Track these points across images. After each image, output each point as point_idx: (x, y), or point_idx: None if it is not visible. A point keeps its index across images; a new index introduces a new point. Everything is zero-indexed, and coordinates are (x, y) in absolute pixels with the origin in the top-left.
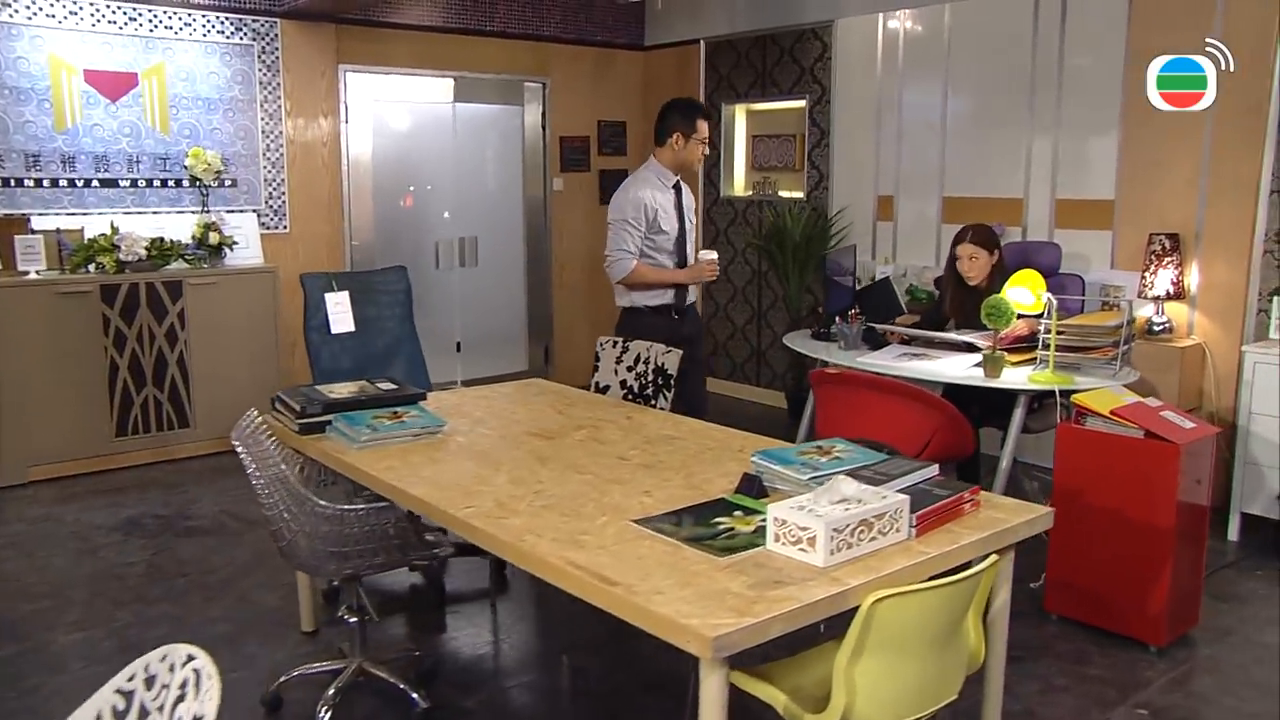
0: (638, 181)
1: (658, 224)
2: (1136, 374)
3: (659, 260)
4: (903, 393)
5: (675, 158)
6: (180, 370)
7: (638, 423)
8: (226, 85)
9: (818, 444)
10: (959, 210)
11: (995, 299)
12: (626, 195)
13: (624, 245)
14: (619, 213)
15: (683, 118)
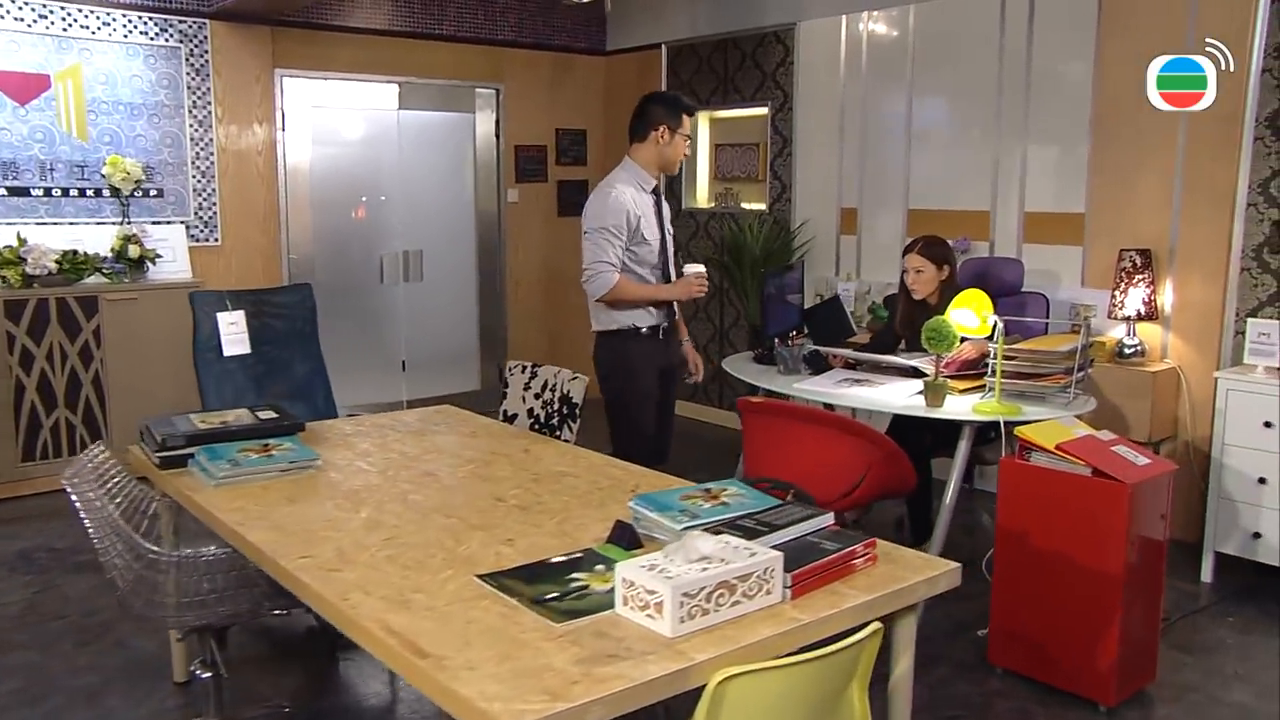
0: (618, 184)
1: (640, 233)
2: (1093, 403)
3: (642, 274)
4: (833, 424)
5: (659, 155)
6: (96, 391)
7: (534, 456)
8: (151, 89)
9: (706, 487)
10: (924, 224)
11: (936, 321)
12: (606, 201)
13: (605, 257)
14: (598, 220)
15: (668, 110)
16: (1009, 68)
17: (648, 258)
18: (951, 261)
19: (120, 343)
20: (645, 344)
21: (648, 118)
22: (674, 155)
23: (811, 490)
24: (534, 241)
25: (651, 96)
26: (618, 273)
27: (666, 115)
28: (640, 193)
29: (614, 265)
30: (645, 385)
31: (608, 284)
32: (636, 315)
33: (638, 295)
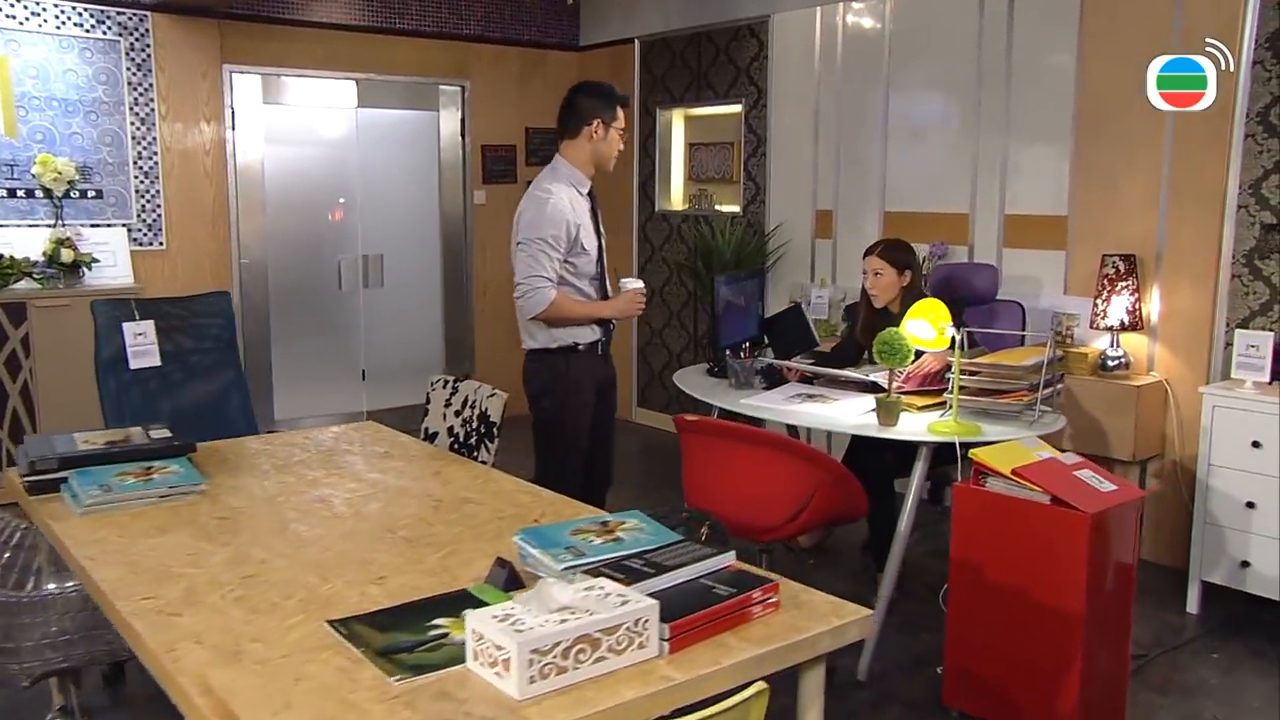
0: (554, 188)
1: (579, 242)
2: (1062, 421)
3: (580, 287)
4: (775, 446)
5: (593, 152)
6: (24, 402)
7: (444, 479)
8: (88, 85)
9: (604, 519)
10: (901, 227)
11: (888, 333)
12: (543, 208)
13: (540, 271)
14: (534, 229)
15: (601, 102)
16: (988, 62)
17: (586, 268)
18: (914, 266)
19: (51, 352)
20: (585, 359)
21: (579, 112)
22: (609, 152)
23: (754, 515)
24: (502, 245)
25: (580, 88)
26: (554, 288)
27: (600, 108)
28: (576, 196)
29: (550, 280)
30: (584, 403)
31: (544, 301)
32: (577, 332)
33: (577, 313)
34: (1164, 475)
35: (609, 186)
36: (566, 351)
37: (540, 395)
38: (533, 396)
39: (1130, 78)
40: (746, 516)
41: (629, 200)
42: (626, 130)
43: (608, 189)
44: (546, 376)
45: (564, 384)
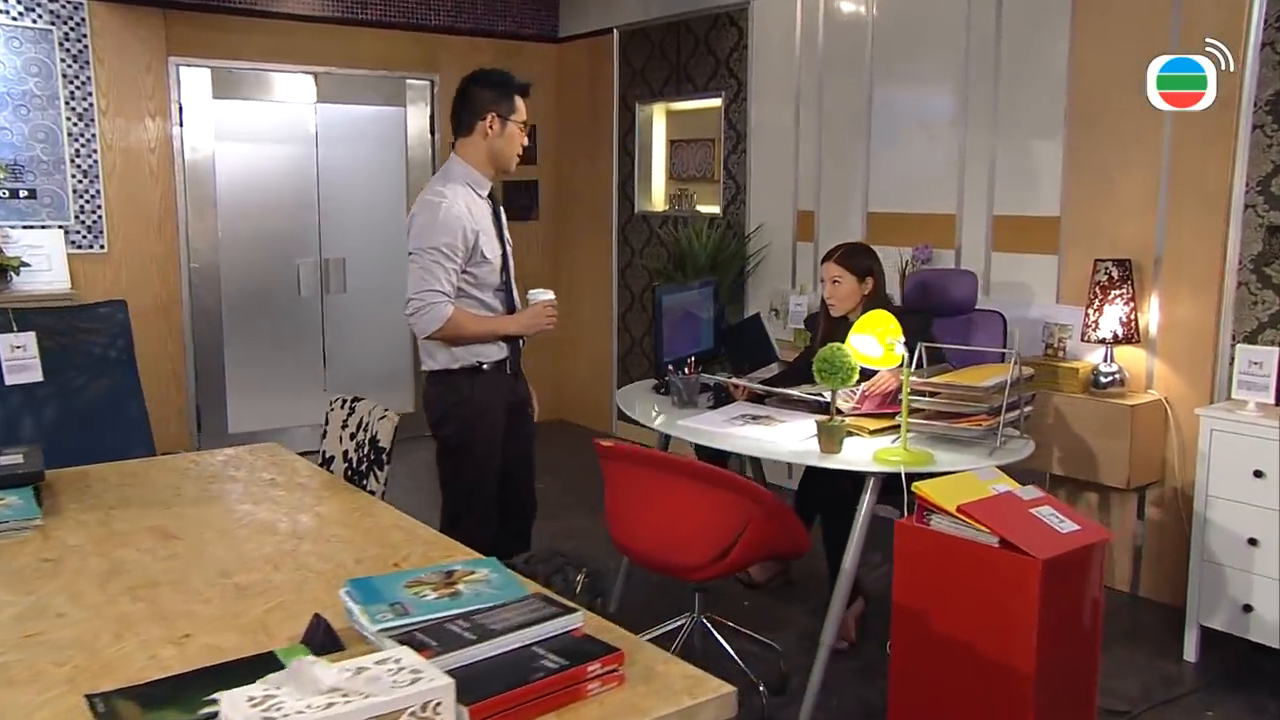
0: (448, 192)
1: (479, 250)
2: (1030, 448)
3: (484, 301)
4: (697, 475)
5: (490, 150)
6: None
7: (320, 512)
8: (17, 77)
9: (450, 569)
10: (885, 229)
11: (829, 350)
12: (436, 214)
13: (435, 284)
14: (426, 238)
15: (496, 93)
16: (976, 52)
17: (488, 279)
18: (876, 273)
19: None
20: (491, 380)
21: (472, 104)
22: (509, 149)
23: (678, 552)
24: None
25: (473, 77)
26: (451, 303)
27: (494, 99)
28: (475, 199)
29: (446, 294)
30: (492, 428)
31: (439, 318)
32: (482, 349)
33: (478, 331)
34: (1164, 504)
35: (587, 187)
36: (470, 372)
37: (443, 421)
38: (435, 423)
39: (1126, 68)
40: (669, 554)
41: (608, 201)
42: (528, 123)
43: (586, 189)
44: (449, 400)
45: (469, 408)
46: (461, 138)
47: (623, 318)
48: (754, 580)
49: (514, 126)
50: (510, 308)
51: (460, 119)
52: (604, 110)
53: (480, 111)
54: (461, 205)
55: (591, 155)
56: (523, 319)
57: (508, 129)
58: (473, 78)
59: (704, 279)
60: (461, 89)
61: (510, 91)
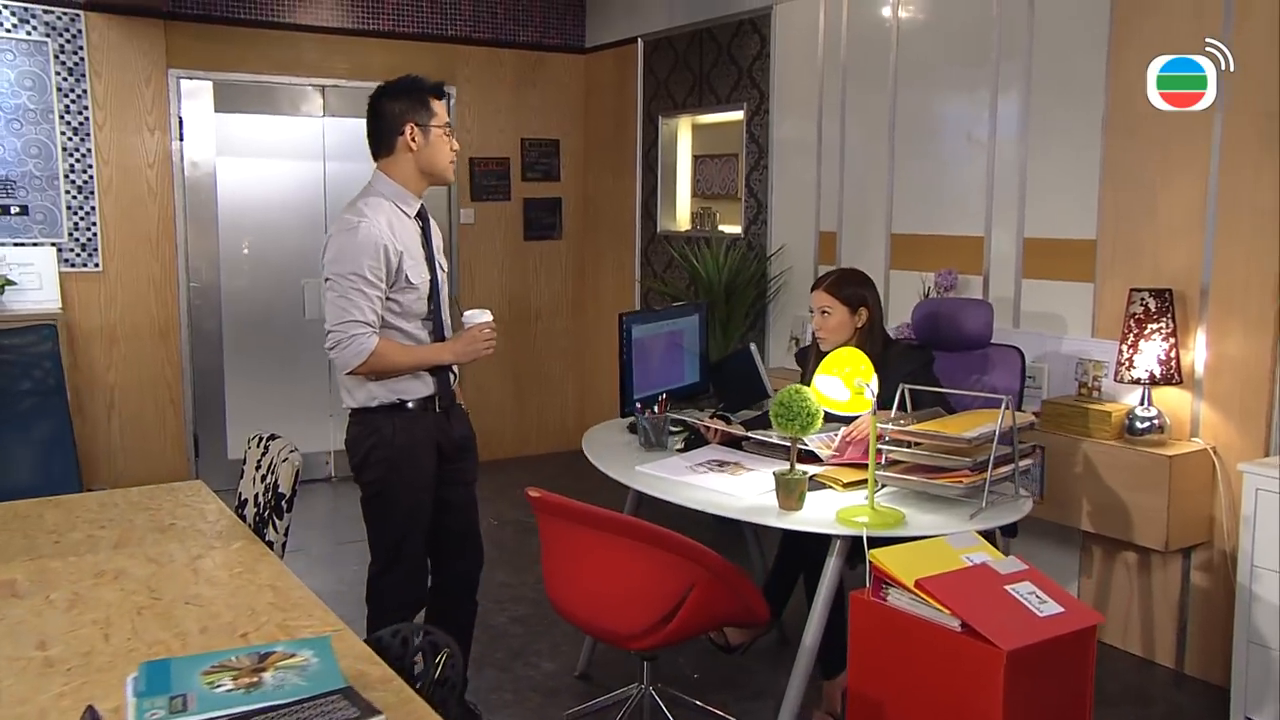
0: (368, 211)
1: (404, 275)
2: (1026, 508)
3: (409, 330)
4: (633, 533)
5: (418, 164)
6: None
7: (198, 568)
8: (10, 90)
9: (268, 650)
10: (909, 252)
11: (786, 393)
12: (353, 237)
13: (355, 314)
14: (342, 263)
15: (409, 101)
16: (1006, 59)
17: (414, 307)
18: (871, 303)
19: None
20: (418, 420)
21: (386, 120)
22: (439, 158)
23: (614, 618)
24: (494, 270)
25: (381, 91)
26: (375, 334)
27: (409, 109)
28: (400, 219)
29: (368, 324)
30: (419, 473)
31: (362, 351)
32: (404, 385)
33: (406, 362)
34: (1212, 569)
35: (610, 205)
36: (392, 411)
37: (363, 466)
38: (355, 467)
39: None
40: (605, 619)
41: (631, 220)
42: (452, 126)
43: (609, 207)
44: (369, 442)
45: (391, 450)
46: (383, 158)
47: None
48: (730, 643)
49: (437, 132)
50: (440, 339)
51: (378, 139)
52: (628, 123)
53: (397, 126)
54: (382, 225)
55: (616, 171)
56: (457, 346)
57: (431, 136)
58: (380, 92)
59: (687, 304)
60: (371, 107)
61: (423, 96)
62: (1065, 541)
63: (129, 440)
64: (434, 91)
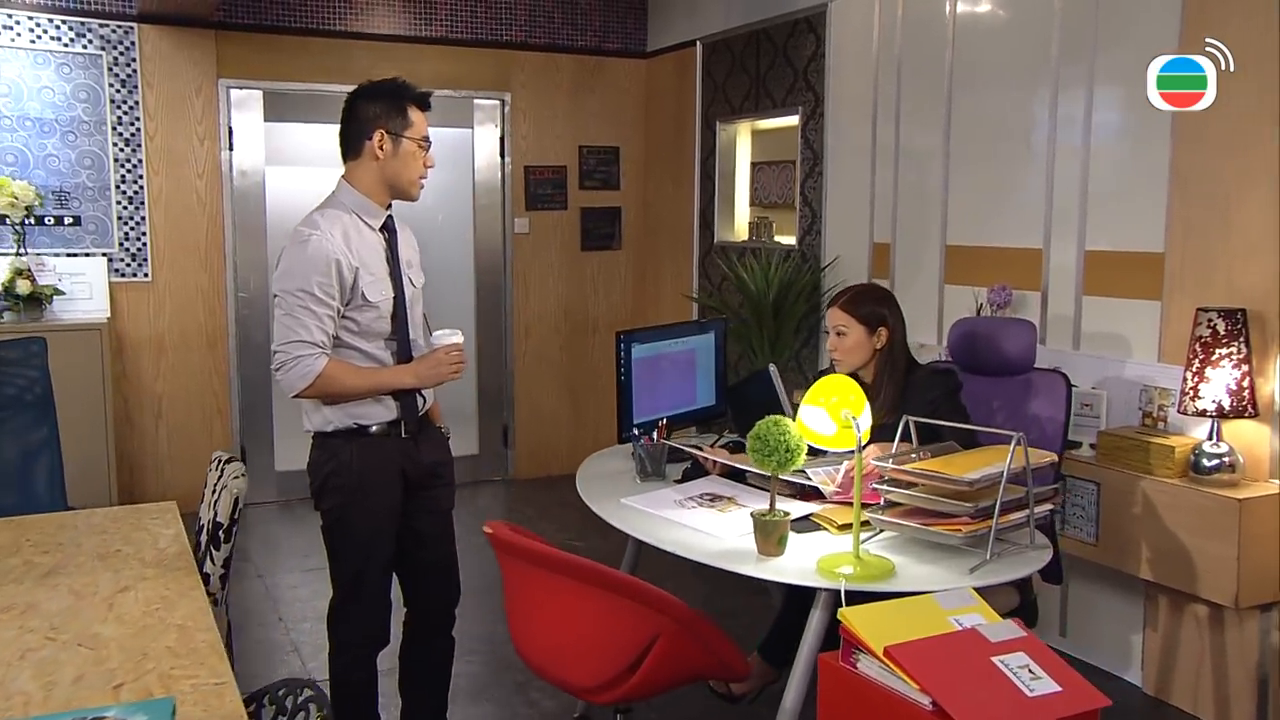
0: (322, 223)
1: (360, 292)
2: (1041, 559)
3: (369, 351)
4: (591, 578)
5: (383, 174)
6: None
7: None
8: (66, 103)
9: (101, 714)
10: (964, 264)
11: (764, 425)
12: (304, 250)
13: (302, 333)
14: (292, 280)
15: (385, 105)
16: (1067, 54)
17: (374, 326)
18: (892, 323)
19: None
20: (379, 446)
21: (358, 120)
22: (406, 171)
23: (572, 669)
24: (549, 281)
25: (360, 90)
26: (325, 355)
27: (383, 114)
28: (361, 231)
29: (316, 344)
30: (381, 503)
31: (308, 373)
32: (363, 409)
33: (360, 385)
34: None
35: (670, 214)
36: (351, 436)
37: (320, 493)
38: (313, 494)
39: (1248, 61)
40: (562, 670)
41: (689, 230)
42: (426, 141)
43: (669, 217)
44: (327, 469)
45: (349, 479)
46: (350, 161)
47: None
48: (733, 693)
49: (410, 144)
50: (406, 360)
51: (346, 140)
52: (687, 130)
53: (367, 129)
54: (336, 239)
55: (676, 179)
56: (420, 369)
57: (402, 147)
58: (358, 91)
59: (704, 320)
60: (347, 104)
61: (403, 103)
62: (1128, 589)
63: (176, 450)
64: (416, 100)
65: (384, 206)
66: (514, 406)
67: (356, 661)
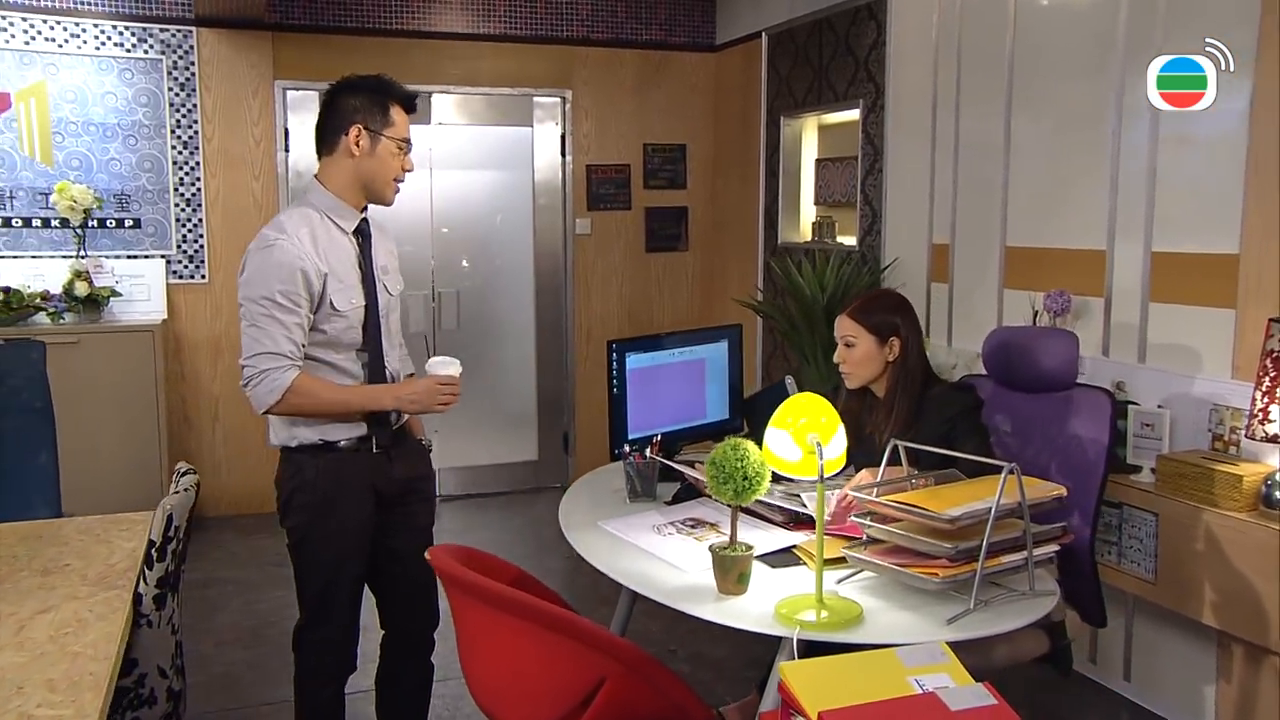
0: (290, 223)
1: (329, 300)
2: (1047, 605)
3: (336, 365)
4: (531, 615)
5: (357, 172)
6: None
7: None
8: (127, 107)
9: None
10: (1024, 267)
11: (722, 450)
12: (268, 257)
13: (268, 344)
14: (255, 287)
15: (368, 100)
16: (1134, 40)
17: (343, 336)
18: (905, 333)
19: (62, 394)
20: (349, 461)
21: (337, 114)
22: (382, 172)
23: (514, 711)
24: (612, 283)
25: (342, 83)
26: (295, 367)
27: (364, 109)
28: (331, 235)
29: (285, 356)
30: (349, 521)
31: (276, 387)
32: (336, 423)
33: (332, 402)
34: None
35: (735, 214)
36: (315, 451)
37: (285, 509)
38: (279, 511)
39: None
40: (505, 710)
41: (754, 230)
42: (407, 144)
43: (734, 216)
44: (291, 485)
45: (313, 496)
46: (324, 157)
47: (766, 365)
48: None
49: (387, 144)
50: (378, 374)
51: (323, 134)
52: (753, 125)
53: (344, 124)
54: (304, 243)
55: (743, 177)
56: (403, 393)
57: (379, 147)
58: (339, 83)
59: (714, 327)
60: (327, 97)
61: (386, 100)
62: (1197, 633)
63: (232, 452)
64: (401, 99)
65: (358, 209)
66: (575, 412)
67: (321, 687)
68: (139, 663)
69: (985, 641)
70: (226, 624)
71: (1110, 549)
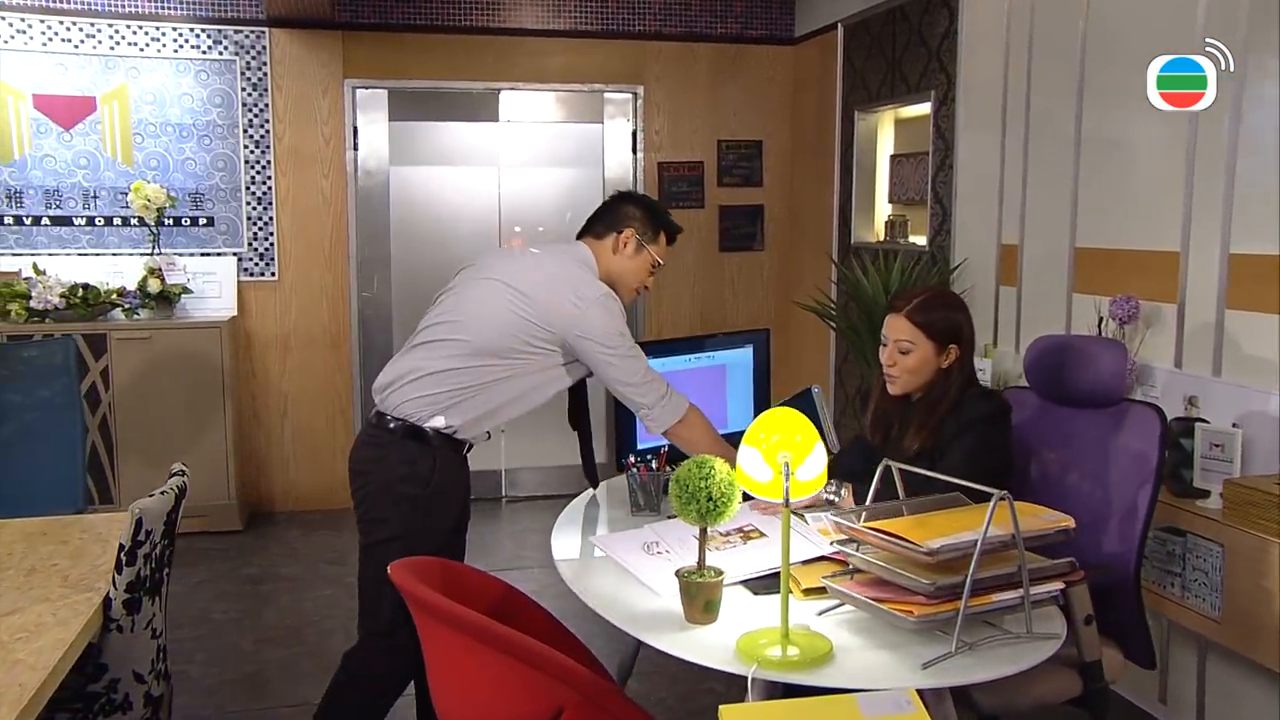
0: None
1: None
2: (1046, 651)
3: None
4: (489, 640)
5: (610, 265)
6: (104, 440)
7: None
8: (202, 108)
9: None
10: (1094, 269)
11: (686, 468)
12: (608, 307)
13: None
14: (615, 333)
15: (646, 215)
16: (1213, 25)
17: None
18: (965, 340)
19: (133, 387)
20: (456, 464)
21: (616, 214)
22: (630, 276)
23: None
24: (684, 283)
25: (632, 194)
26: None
27: (640, 220)
28: None
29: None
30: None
31: (679, 407)
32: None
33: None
34: None
35: (810, 212)
36: (441, 443)
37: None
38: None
39: None
40: None
41: (828, 229)
42: (658, 265)
43: (809, 215)
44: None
45: (421, 489)
46: (591, 239)
47: (838, 371)
48: None
49: (648, 257)
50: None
51: (598, 221)
52: (828, 121)
53: (621, 224)
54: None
55: (819, 174)
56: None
57: (639, 257)
58: (630, 193)
59: (737, 332)
60: (611, 201)
61: (659, 224)
62: (1272, 679)
63: (300, 449)
64: (669, 229)
65: None
66: None
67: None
68: (109, 667)
69: (1006, 681)
70: (271, 621)
71: (1174, 580)
